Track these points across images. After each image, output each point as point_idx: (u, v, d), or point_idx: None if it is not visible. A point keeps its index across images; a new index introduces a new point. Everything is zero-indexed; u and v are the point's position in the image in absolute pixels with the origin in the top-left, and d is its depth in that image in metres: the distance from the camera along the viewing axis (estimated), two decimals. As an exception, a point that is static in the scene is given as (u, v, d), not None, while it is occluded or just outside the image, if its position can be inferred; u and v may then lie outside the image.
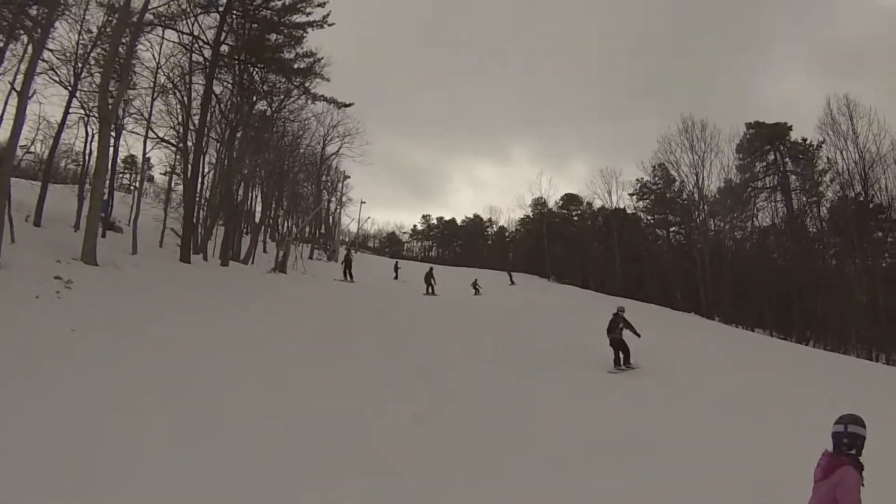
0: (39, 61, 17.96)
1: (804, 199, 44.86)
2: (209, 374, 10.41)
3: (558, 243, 58.48)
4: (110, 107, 19.58)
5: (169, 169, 29.81)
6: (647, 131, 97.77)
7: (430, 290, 30.91)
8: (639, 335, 15.36)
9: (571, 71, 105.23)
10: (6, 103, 20.01)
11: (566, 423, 10.53)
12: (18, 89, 17.12)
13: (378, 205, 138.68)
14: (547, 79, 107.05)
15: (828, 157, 42.36)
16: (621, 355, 15.11)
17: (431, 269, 33.31)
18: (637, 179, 53.04)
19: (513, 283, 44.86)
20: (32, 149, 25.41)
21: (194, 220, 26.18)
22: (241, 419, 8.62)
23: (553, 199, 61.89)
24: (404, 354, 14.31)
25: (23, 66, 17.84)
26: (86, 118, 23.75)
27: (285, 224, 45.47)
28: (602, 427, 10.41)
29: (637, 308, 37.93)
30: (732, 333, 32.36)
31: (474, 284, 35.36)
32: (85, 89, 22.80)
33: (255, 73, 29.66)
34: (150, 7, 21.90)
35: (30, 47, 18.62)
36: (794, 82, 74.49)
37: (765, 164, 47.52)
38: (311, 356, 12.92)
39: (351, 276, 31.11)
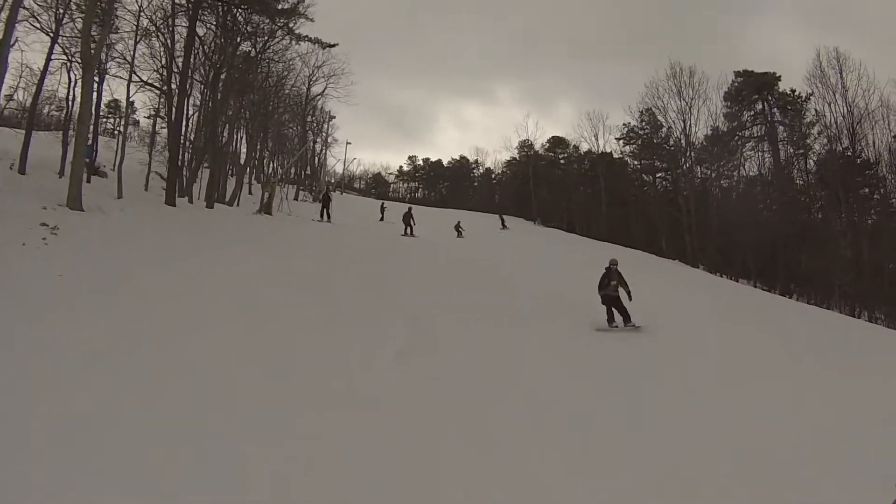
0: (20, 9, 18.07)
1: (791, 150, 44.93)
2: (192, 317, 10.70)
3: (544, 186, 58.78)
4: (93, 52, 19.54)
5: (153, 112, 29.83)
6: (634, 76, 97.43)
7: (408, 231, 30.96)
8: (630, 296, 13.95)
9: (560, 14, 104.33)
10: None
11: (550, 373, 10.27)
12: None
13: (364, 146, 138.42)
14: (535, 20, 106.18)
15: (816, 110, 42.27)
16: (615, 313, 13.81)
17: (410, 209, 33.48)
18: (624, 124, 53.09)
19: (505, 226, 44.06)
20: (15, 97, 25.52)
21: (179, 163, 26.42)
22: (223, 360, 8.93)
23: (540, 142, 62.10)
24: (385, 298, 14.35)
25: (3, 15, 17.92)
26: (68, 64, 23.85)
27: (270, 165, 45.65)
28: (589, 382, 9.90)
29: (622, 253, 38.41)
30: (719, 284, 32.85)
31: (457, 227, 35.79)
32: (67, 35, 22.80)
33: (238, 14, 29.30)
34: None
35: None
36: (784, 36, 74.22)
37: (752, 113, 47.32)
38: (294, 298, 13.18)
39: (329, 216, 31.24)
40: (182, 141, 27.50)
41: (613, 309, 13.84)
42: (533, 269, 21.65)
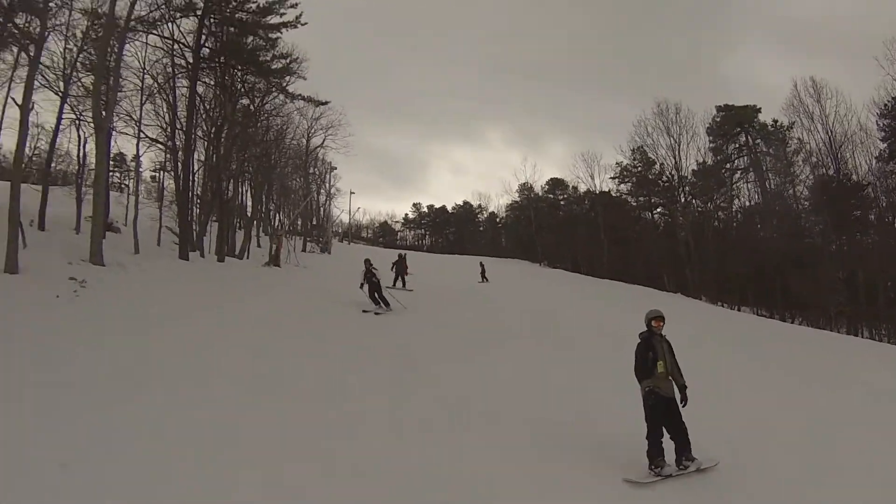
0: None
1: (778, 179, 45.85)
2: (210, 362, 11.00)
3: (547, 228, 59.38)
4: (103, 114, 19.99)
5: (159, 167, 30.27)
6: (620, 111, 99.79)
7: (398, 283, 25.20)
8: (683, 396, 7.58)
9: (544, 56, 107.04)
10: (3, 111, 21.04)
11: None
12: (16, 100, 17.98)
13: (364, 195, 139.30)
14: (519, 63, 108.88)
15: (798, 138, 43.68)
16: (660, 444, 7.44)
17: (401, 255, 27.54)
18: (617, 163, 54.25)
19: (485, 279, 35.49)
20: (35, 155, 25.89)
21: (189, 218, 26.67)
22: (233, 394, 9.32)
23: (539, 184, 63.21)
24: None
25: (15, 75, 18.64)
26: (77, 122, 24.25)
27: (276, 217, 45.92)
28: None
29: (624, 290, 38.41)
30: (728, 316, 33.21)
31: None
32: (73, 94, 23.22)
33: (235, 73, 30.14)
34: (133, 14, 22.21)
35: (20, 55, 19.65)
36: (762, 65, 76.28)
37: (737, 145, 48.64)
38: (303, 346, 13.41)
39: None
40: (190, 195, 27.80)
41: (664, 428, 7.51)
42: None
